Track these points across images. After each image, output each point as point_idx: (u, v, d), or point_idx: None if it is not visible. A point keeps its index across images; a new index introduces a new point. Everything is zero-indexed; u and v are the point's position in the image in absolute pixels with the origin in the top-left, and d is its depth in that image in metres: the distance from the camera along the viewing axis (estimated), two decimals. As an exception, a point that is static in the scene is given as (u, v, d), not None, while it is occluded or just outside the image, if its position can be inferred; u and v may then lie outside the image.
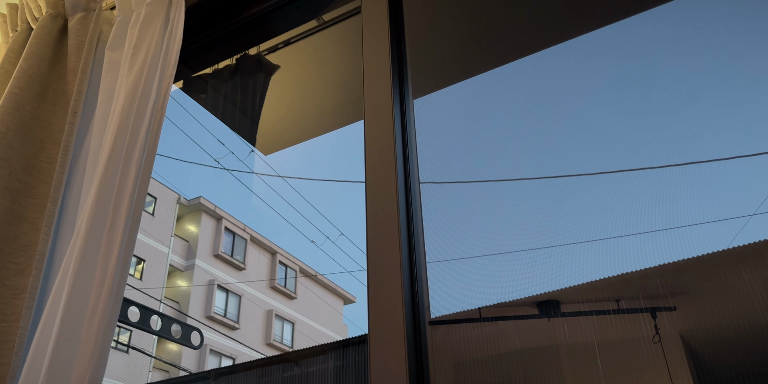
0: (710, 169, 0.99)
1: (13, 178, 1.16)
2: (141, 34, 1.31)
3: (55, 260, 1.12)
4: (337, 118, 1.95)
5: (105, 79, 1.32)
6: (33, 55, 1.35)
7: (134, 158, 1.09)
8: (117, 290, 0.95)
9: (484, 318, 1.04)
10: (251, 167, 3.55)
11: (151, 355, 8.37)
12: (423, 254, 1.10)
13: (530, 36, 1.40)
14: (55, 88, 1.34)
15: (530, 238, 1.09)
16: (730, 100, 1.03)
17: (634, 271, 0.95)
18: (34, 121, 1.26)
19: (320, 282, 10.03)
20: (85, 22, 1.43)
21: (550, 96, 1.28)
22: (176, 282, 9.99)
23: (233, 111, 1.88)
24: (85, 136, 1.28)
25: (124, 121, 1.14)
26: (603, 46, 1.27)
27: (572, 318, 0.95)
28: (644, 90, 1.14)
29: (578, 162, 1.13)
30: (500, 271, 1.09)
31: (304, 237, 5.56)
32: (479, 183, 1.23)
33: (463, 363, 1.01)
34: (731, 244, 0.89)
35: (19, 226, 1.13)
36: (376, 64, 1.27)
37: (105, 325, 0.91)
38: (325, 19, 1.65)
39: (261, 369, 2.84)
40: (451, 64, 1.48)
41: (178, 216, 10.81)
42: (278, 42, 1.73)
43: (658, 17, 1.21)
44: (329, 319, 9.68)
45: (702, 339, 0.84)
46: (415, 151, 1.22)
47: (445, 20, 1.51)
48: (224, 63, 1.78)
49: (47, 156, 1.24)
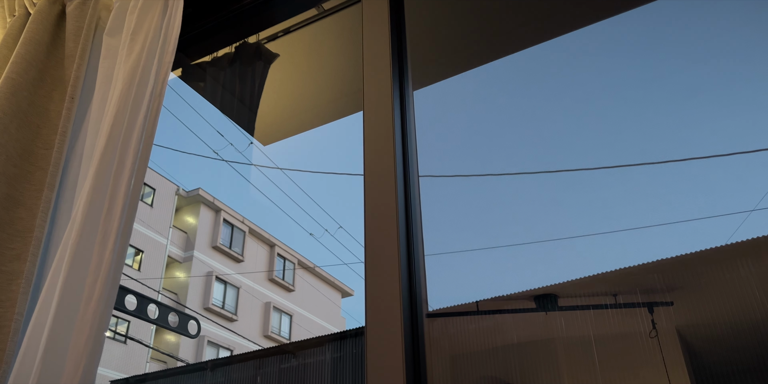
0: (710, 165, 0.98)
1: (9, 164, 1.16)
2: (139, 20, 1.30)
3: (52, 246, 1.12)
4: (336, 109, 1.94)
5: (103, 65, 1.31)
6: (30, 41, 1.34)
7: (132, 144, 1.09)
8: (113, 277, 0.95)
9: (482, 311, 1.04)
10: (250, 159, 3.54)
11: (149, 346, 8.38)
12: (421, 247, 1.10)
13: (531, 28, 1.39)
14: (52, 74, 1.33)
15: (528, 231, 1.09)
16: (731, 96, 1.03)
17: (631, 265, 0.95)
18: (31, 107, 1.25)
19: (318, 275, 10.04)
20: (84, 7, 1.42)
21: (551, 89, 1.27)
22: (174, 273, 10.00)
23: (232, 100, 1.87)
24: (82, 122, 1.27)
25: (122, 107, 1.13)
26: (604, 39, 1.26)
27: (569, 312, 0.95)
28: (647, 83, 1.13)
29: (577, 156, 1.13)
30: (498, 265, 1.09)
31: (303, 229, 5.56)
32: (478, 177, 1.22)
33: (460, 356, 1.01)
34: (730, 239, 0.89)
35: (15, 211, 1.13)
36: (376, 54, 1.26)
37: (101, 312, 0.91)
38: (326, 7, 1.64)
39: (258, 360, 2.84)
40: (452, 55, 1.47)
41: (176, 207, 10.79)
42: (278, 30, 1.72)
43: (660, 10, 1.20)
44: (327, 312, 9.69)
45: (699, 334, 0.84)
46: (414, 143, 1.21)
47: (446, 11, 1.50)
48: (223, 51, 1.77)
49: (44, 142, 1.23)
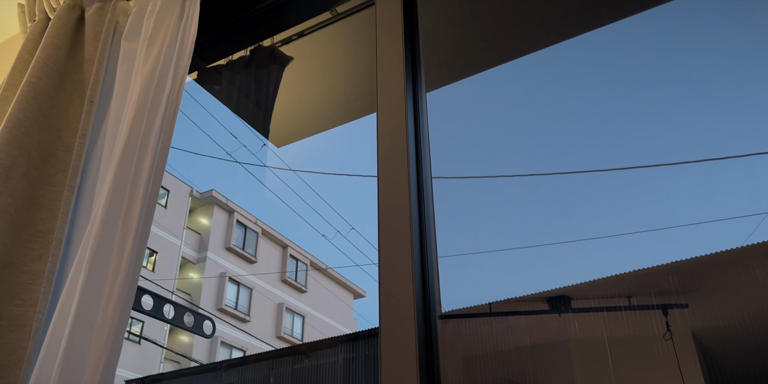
0: (727, 167, 0.97)
1: (31, 166, 1.18)
2: (156, 24, 1.32)
3: (72, 247, 1.14)
4: (348, 111, 1.95)
5: (121, 68, 1.34)
6: (50, 45, 1.37)
7: (150, 147, 1.10)
8: (132, 277, 0.96)
9: (495, 313, 1.03)
10: (263, 161, 3.55)
11: (163, 346, 8.44)
12: (434, 249, 1.10)
13: (544, 30, 1.39)
14: (72, 78, 1.36)
15: (542, 233, 1.09)
16: (746, 97, 1.02)
17: (646, 267, 0.94)
18: (52, 110, 1.28)
19: (331, 276, 10.05)
20: (102, 12, 1.44)
21: (564, 91, 1.27)
22: (188, 274, 10.06)
23: (246, 103, 1.89)
24: (101, 124, 1.29)
25: (140, 110, 1.15)
26: (618, 40, 1.26)
27: (583, 314, 0.95)
28: (662, 85, 1.13)
29: (591, 158, 1.12)
30: (511, 266, 1.08)
31: (315, 231, 5.56)
32: (490, 178, 1.22)
33: (472, 358, 1.01)
34: (745, 242, 0.88)
35: (36, 213, 1.15)
36: (390, 56, 1.27)
37: (120, 311, 0.92)
38: (339, 11, 1.65)
39: (271, 361, 2.85)
40: (465, 57, 1.47)
41: (190, 209, 10.86)
42: (292, 34, 1.74)
43: (673, 12, 1.20)
44: (339, 313, 9.68)
45: (714, 337, 0.83)
46: (427, 144, 1.22)
47: (459, 13, 1.50)
48: (238, 54, 1.79)
49: (64, 144, 1.25)
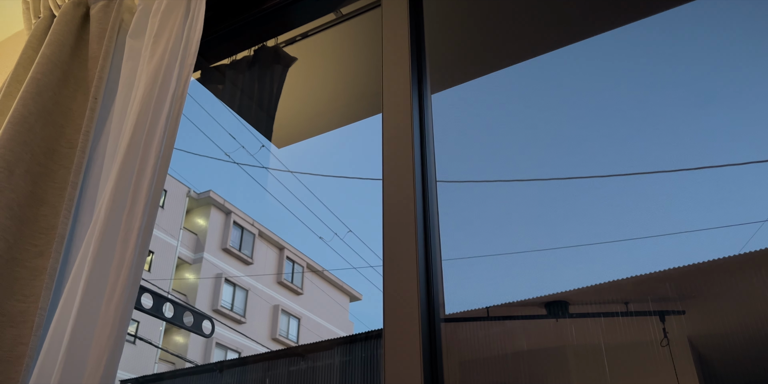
0: (724, 174, 0.98)
1: (34, 162, 1.18)
2: (162, 22, 1.32)
3: (74, 243, 1.14)
4: (351, 113, 1.95)
5: (126, 66, 1.34)
6: (55, 42, 1.37)
7: (153, 145, 1.10)
8: (135, 274, 0.96)
9: (492, 317, 1.04)
10: (262, 162, 3.55)
11: (158, 346, 8.41)
12: (438, 251, 1.10)
13: (550, 33, 1.39)
14: (76, 75, 1.36)
15: (541, 238, 1.09)
16: (747, 104, 1.03)
17: (644, 274, 0.94)
18: (56, 106, 1.28)
19: (327, 279, 10.02)
20: (107, 10, 1.44)
21: (569, 94, 1.27)
22: (184, 274, 10.04)
23: (249, 103, 1.89)
24: (105, 122, 1.29)
25: (145, 108, 1.15)
26: (624, 45, 1.27)
27: (580, 319, 0.95)
28: (664, 91, 1.13)
29: (592, 164, 1.13)
30: (510, 271, 1.08)
31: (312, 233, 5.54)
32: (492, 183, 1.22)
33: (468, 362, 1.00)
34: (743, 249, 0.89)
35: (39, 209, 1.15)
36: (396, 57, 1.27)
37: (122, 309, 0.92)
38: (344, 12, 1.65)
39: (268, 362, 2.85)
40: (471, 59, 1.47)
41: (187, 209, 10.84)
42: (296, 34, 1.74)
43: (678, 18, 1.21)
44: (335, 316, 9.66)
45: (711, 344, 0.83)
46: (432, 147, 1.22)
47: (465, 15, 1.51)
48: (242, 54, 1.79)
49: (68, 141, 1.25)
